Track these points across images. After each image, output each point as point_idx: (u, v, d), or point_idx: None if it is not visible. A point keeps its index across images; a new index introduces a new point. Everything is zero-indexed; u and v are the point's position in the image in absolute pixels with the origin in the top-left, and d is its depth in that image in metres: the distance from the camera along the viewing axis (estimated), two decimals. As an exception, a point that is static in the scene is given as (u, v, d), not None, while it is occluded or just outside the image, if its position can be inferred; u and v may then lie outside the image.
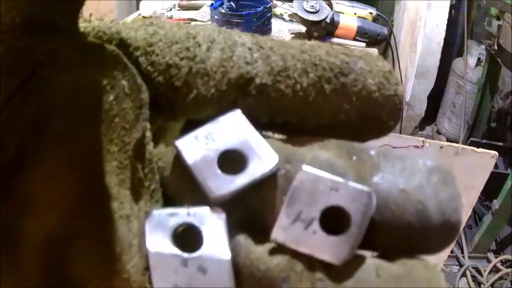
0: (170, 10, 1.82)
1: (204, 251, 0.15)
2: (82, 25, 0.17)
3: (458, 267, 2.03)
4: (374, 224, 0.15)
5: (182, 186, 0.17)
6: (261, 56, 0.17)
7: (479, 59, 2.50)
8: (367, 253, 0.16)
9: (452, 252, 1.99)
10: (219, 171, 0.15)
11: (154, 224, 0.15)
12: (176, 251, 0.15)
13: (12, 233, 0.14)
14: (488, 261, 2.01)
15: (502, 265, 1.97)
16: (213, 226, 0.15)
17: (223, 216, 0.15)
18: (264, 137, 0.16)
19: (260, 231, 0.16)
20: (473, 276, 1.96)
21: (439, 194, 0.16)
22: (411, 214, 0.15)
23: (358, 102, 0.17)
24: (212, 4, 1.51)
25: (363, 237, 0.15)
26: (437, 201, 0.15)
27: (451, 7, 2.57)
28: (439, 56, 2.62)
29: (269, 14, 1.50)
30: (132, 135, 0.16)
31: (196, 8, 1.86)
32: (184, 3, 1.88)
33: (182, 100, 0.16)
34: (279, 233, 0.15)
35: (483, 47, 2.38)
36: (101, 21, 0.18)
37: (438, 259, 1.36)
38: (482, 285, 1.92)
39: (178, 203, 0.16)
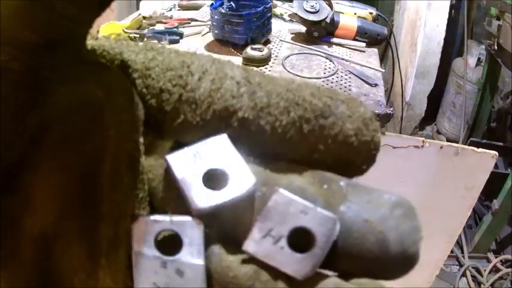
0: (170, 10, 1.82)
1: (182, 255, 0.17)
2: (89, 42, 0.19)
3: (458, 267, 2.04)
4: (337, 247, 0.17)
5: (168, 196, 0.18)
6: (247, 91, 0.18)
7: (479, 59, 2.50)
8: (329, 273, 0.18)
9: (452, 252, 2.00)
10: (203, 187, 0.17)
11: (140, 228, 0.17)
12: (157, 253, 0.17)
13: (13, 226, 0.15)
14: (488, 261, 2.01)
15: (502, 265, 1.98)
16: (192, 235, 0.17)
17: (201, 226, 0.17)
18: (246, 160, 0.18)
19: (234, 243, 0.17)
20: (473, 276, 1.97)
21: (400, 226, 0.17)
22: (372, 243, 0.17)
23: (334, 145, 0.18)
24: (212, 4, 1.50)
25: (324, 258, 0.17)
26: (397, 233, 0.17)
27: (451, 7, 2.57)
28: (439, 56, 2.62)
29: (269, 14, 1.49)
30: (126, 148, 0.17)
31: (196, 8, 1.86)
32: (184, 3, 1.88)
33: (170, 123, 0.18)
34: (250, 245, 0.17)
35: (483, 47, 2.39)
36: (107, 40, 0.19)
37: (437, 260, 1.36)
38: (482, 285, 1.92)
39: (163, 212, 0.18)
